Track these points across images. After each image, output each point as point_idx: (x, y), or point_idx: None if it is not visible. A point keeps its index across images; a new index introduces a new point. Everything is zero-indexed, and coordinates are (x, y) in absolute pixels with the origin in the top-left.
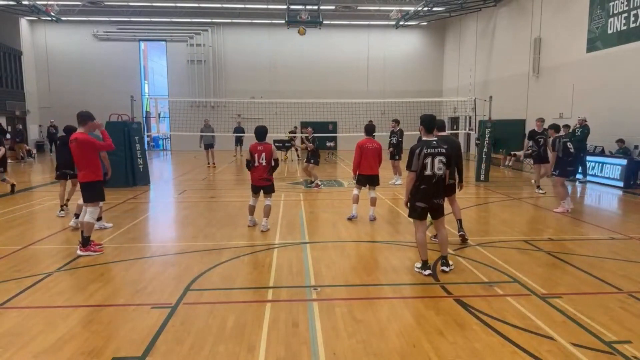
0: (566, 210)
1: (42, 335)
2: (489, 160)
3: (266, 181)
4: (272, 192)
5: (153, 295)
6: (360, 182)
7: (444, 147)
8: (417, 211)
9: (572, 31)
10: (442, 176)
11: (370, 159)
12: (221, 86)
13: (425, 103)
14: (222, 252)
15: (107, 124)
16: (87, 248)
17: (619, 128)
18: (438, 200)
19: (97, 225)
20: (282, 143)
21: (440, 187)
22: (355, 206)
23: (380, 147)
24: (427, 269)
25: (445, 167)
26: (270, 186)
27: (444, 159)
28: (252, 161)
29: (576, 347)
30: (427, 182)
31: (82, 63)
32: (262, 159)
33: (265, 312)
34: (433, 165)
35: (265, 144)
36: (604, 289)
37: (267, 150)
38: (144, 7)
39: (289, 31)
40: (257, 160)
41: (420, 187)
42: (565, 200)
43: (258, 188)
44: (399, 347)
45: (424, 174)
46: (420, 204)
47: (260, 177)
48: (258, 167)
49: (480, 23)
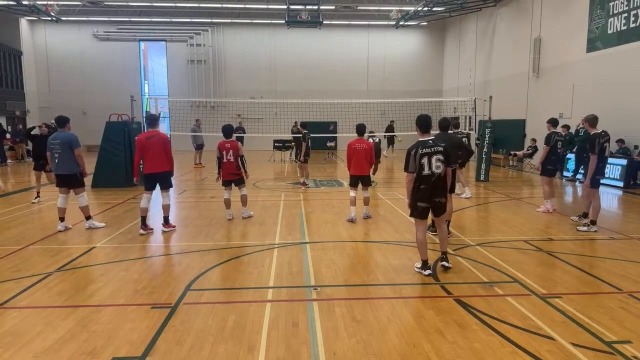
0: (548, 210)
1: (42, 335)
2: (489, 160)
3: (235, 175)
4: (242, 184)
5: (153, 295)
6: (352, 183)
7: (441, 144)
8: (418, 210)
9: (572, 31)
10: (442, 174)
11: (360, 159)
12: (221, 86)
13: (425, 103)
14: (222, 252)
15: (107, 123)
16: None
17: (619, 128)
18: (439, 199)
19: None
20: (282, 143)
21: (441, 185)
22: (353, 208)
23: (370, 147)
24: (427, 269)
25: (444, 165)
26: (239, 179)
27: (442, 157)
28: (220, 157)
29: (576, 347)
30: (427, 181)
31: (82, 63)
32: (230, 155)
33: (265, 312)
34: (431, 164)
35: (232, 142)
36: (604, 289)
37: (233, 147)
38: (144, 7)
39: (289, 31)
40: (225, 156)
41: (420, 187)
42: (550, 200)
43: (229, 182)
44: (399, 347)
45: (423, 173)
46: (422, 203)
47: (229, 172)
48: (226, 162)
49: (480, 23)
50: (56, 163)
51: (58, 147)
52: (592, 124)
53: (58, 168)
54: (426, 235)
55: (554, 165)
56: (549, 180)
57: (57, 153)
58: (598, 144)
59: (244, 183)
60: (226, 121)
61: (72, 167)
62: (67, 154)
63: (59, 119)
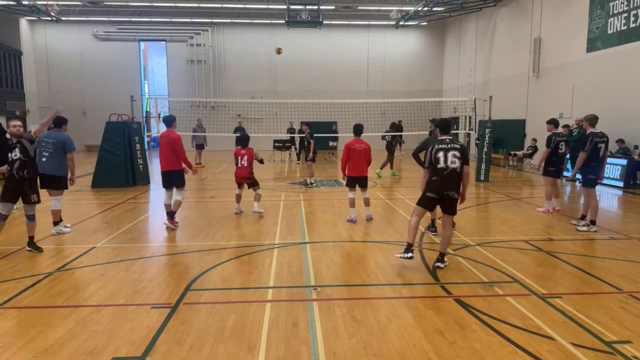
0: (547, 210)
1: (42, 335)
2: (489, 160)
3: (247, 179)
4: (255, 186)
5: (153, 295)
6: (349, 184)
7: (458, 143)
8: (424, 200)
9: (572, 31)
10: (457, 169)
11: (358, 160)
12: (221, 86)
13: (425, 103)
14: (222, 252)
15: (107, 123)
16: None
17: (619, 128)
18: (448, 192)
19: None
20: (282, 143)
21: (452, 180)
22: (353, 210)
23: (368, 147)
24: (410, 252)
25: (460, 162)
26: (252, 182)
27: (458, 154)
28: (235, 162)
29: (576, 347)
30: (440, 174)
31: (82, 63)
32: (244, 160)
33: (265, 312)
34: (447, 158)
35: (248, 149)
36: (604, 289)
37: (248, 154)
38: (144, 7)
39: (289, 31)
40: (239, 162)
41: (432, 179)
42: (551, 201)
43: (241, 184)
44: (399, 347)
45: (437, 167)
46: (430, 194)
47: (242, 176)
48: (240, 168)
49: (480, 23)
50: (43, 162)
51: (50, 147)
52: (592, 124)
53: (43, 167)
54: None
55: (555, 166)
56: (552, 181)
57: (47, 152)
58: (590, 143)
59: (258, 185)
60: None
61: (59, 169)
62: (59, 155)
63: (57, 119)
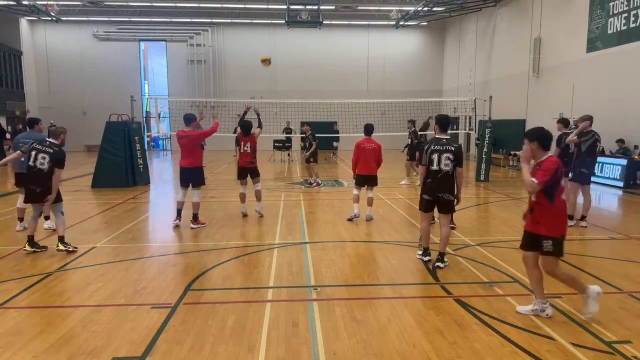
0: None
1: (42, 335)
2: (489, 160)
3: (250, 164)
4: (257, 176)
5: (153, 295)
6: (358, 183)
7: (453, 145)
8: (422, 203)
9: (572, 31)
10: (449, 172)
11: (368, 159)
12: (221, 86)
13: (425, 103)
14: (222, 252)
15: (107, 124)
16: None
17: (619, 128)
18: (443, 195)
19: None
20: (282, 143)
21: (446, 182)
22: (356, 205)
23: (379, 147)
24: (427, 255)
25: (452, 164)
26: (254, 169)
27: (452, 156)
28: (238, 147)
29: (576, 347)
30: (433, 176)
31: (82, 63)
32: (247, 146)
33: (265, 312)
34: (440, 161)
35: (250, 136)
36: (604, 289)
37: (251, 140)
38: (144, 7)
39: (289, 31)
40: (242, 147)
41: (427, 181)
42: None
43: (244, 173)
44: (399, 347)
45: (431, 168)
46: (425, 196)
47: (245, 160)
48: (243, 153)
49: (480, 23)
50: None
51: None
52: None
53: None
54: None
55: (566, 166)
56: None
57: None
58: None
59: (259, 176)
60: (226, 121)
61: None
62: None
63: (30, 119)
